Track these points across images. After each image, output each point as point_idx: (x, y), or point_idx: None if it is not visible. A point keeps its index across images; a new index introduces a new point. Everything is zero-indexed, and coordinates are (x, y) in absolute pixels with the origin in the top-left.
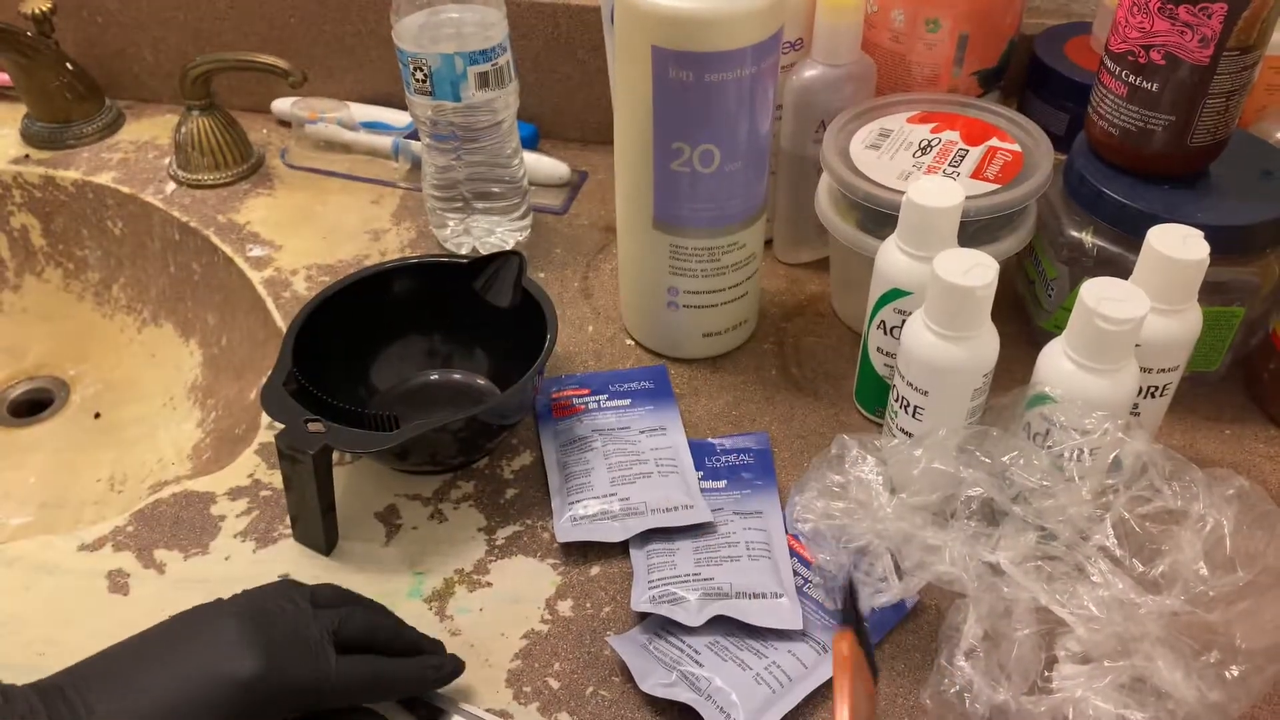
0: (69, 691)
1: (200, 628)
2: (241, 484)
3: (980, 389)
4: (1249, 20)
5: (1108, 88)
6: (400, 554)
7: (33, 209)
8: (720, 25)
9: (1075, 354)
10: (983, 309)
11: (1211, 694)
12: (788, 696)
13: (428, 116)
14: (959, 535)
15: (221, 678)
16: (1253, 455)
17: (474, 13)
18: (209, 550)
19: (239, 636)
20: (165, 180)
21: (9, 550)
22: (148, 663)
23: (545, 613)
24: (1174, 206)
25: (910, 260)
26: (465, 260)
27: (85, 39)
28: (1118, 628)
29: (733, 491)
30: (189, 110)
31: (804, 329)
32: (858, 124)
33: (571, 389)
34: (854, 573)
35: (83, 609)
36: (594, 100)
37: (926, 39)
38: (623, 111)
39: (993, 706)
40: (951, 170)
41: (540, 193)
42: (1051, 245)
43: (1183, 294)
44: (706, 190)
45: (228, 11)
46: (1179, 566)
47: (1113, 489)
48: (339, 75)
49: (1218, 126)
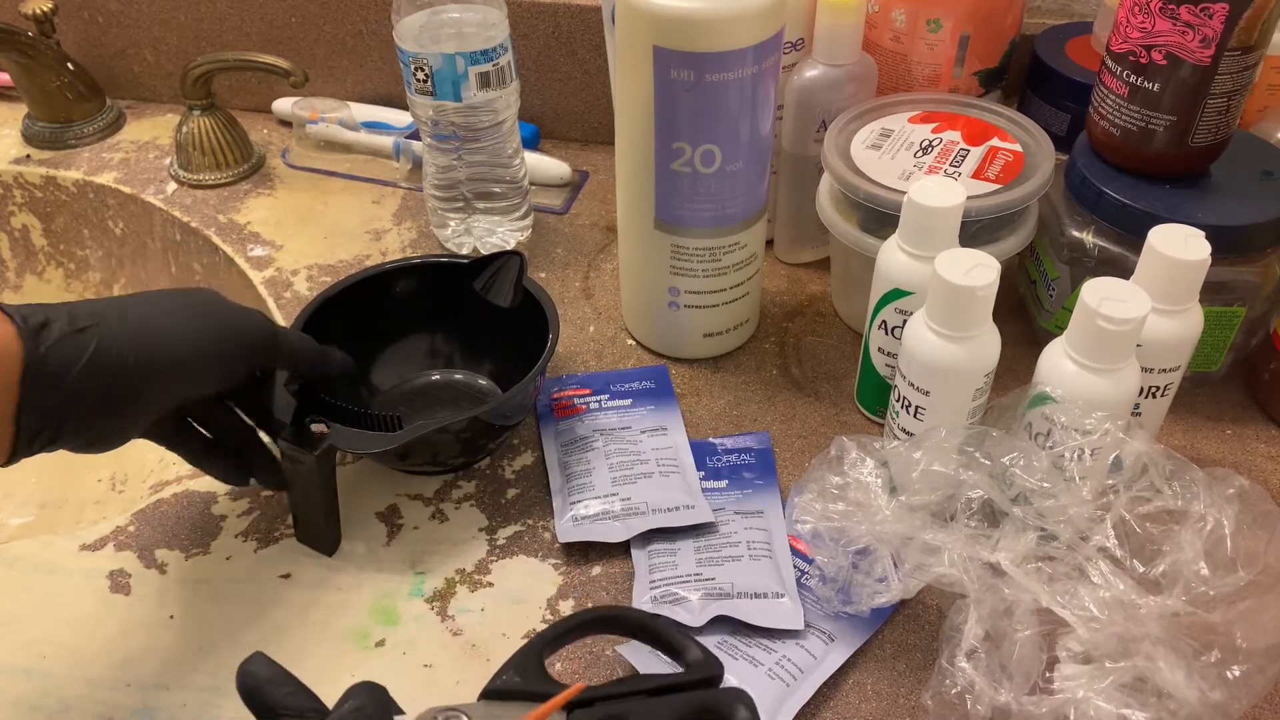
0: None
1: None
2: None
3: (982, 389)
4: (1250, 20)
5: (1109, 88)
6: (401, 554)
7: (34, 209)
8: (721, 25)
9: (1076, 354)
10: (984, 309)
11: (1213, 694)
12: (801, 689)
13: (429, 116)
14: (959, 536)
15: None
16: (1254, 455)
17: (475, 13)
18: (210, 550)
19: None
20: (166, 180)
21: (9, 550)
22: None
23: (547, 613)
24: (1175, 207)
25: (911, 260)
26: (466, 260)
27: (86, 39)
28: (1119, 628)
29: (734, 491)
30: (190, 110)
31: (805, 329)
32: (859, 124)
33: (573, 389)
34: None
35: (83, 609)
36: (595, 100)
37: (928, 39)
38: (624, 111)
39: (994, 707)
40: (953, 170)
41: (541, 193)
42: (1053, 245)
43: (1184, 294)
44: (708, 190)
45: (228, 11)
46: (1180, 566)
47: (1113, 489)
48: (340, 75)
49: (1219, 126)
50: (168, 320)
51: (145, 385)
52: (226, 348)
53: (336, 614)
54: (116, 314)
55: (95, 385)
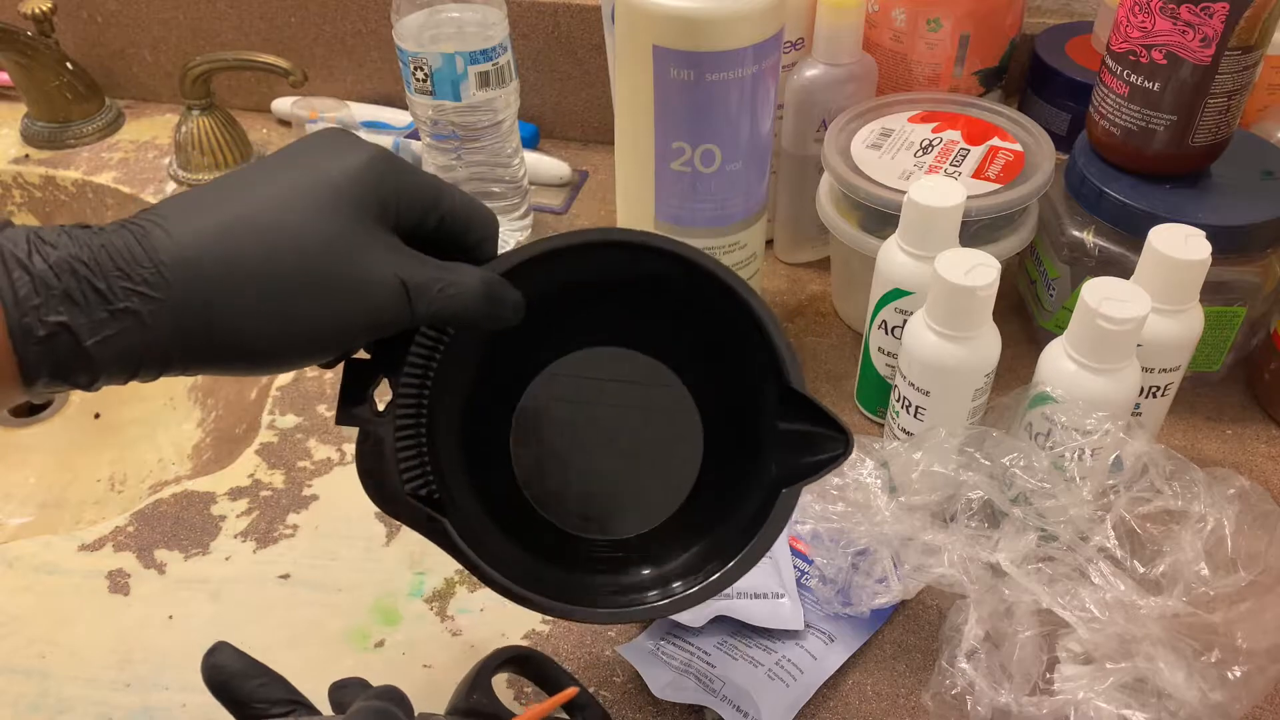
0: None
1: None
2: (242, 484)
3: (982, 389)
4: (1250, 20)
5: (1109, 87)
6: (401, 554)
7: (33, 209)
8: (721, 25)
9: (1077, 354)
10: (984, 309)
11: (1213, 694)
12: (801, 689)
13: (428, 116)
14: (959, 537)
15: (330, 169)
16: (1254, 455)
17: (475, 12)
18: (209, 550)
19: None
20: (165, 180)
21: (9, 550)
22: (233, 189)
23: None
24: (1175, 206)
25: (912, 260)
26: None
27: (85, 39)
28: (1119, 628)
29: None
30: (189, 110)
31: (805, 329)
32: (859, 123)
33: None
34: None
35: (83, 609)
36: (594, 100)
37: (928, 38)
38: (623, 111)
39: (994, 708)
40: (953, 170)
41: (541, 192)
42: (1053, 245)
43: (1184, 294)
44: (707, 190)
45: (227, 11)
46: (1180, 567)
47: (1113, 489)
48: (339, 75)
49: (1219, 126)
50: (254, 309)
51: (194, 372)
52: (325, 346)
53: (336, 614)
54: (180, 284)
55: (133, 372)
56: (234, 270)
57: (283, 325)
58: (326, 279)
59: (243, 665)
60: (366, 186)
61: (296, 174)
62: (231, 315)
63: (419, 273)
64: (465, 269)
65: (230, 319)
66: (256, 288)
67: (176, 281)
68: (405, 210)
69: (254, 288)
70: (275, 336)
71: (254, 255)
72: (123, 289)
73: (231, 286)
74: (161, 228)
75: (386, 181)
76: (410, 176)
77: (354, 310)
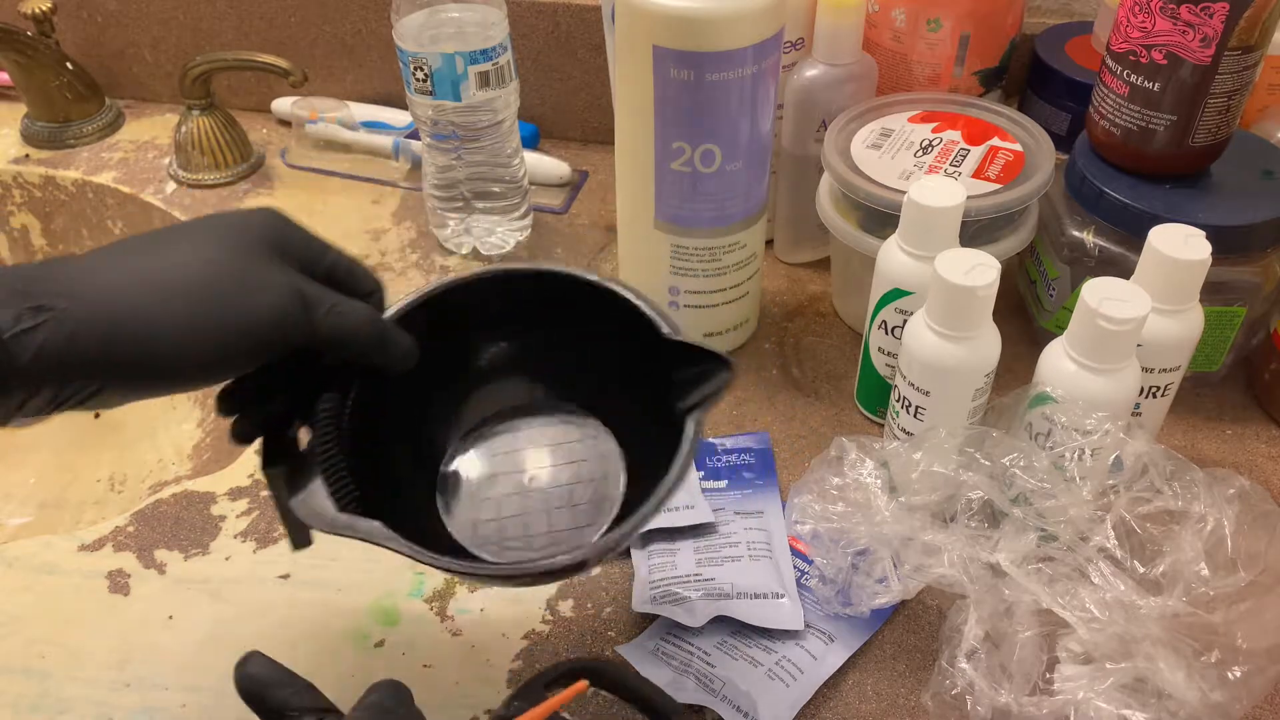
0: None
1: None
2: (241, 484)
3: (982, 389)
4: (1250, 20)
5: (1109, 87)
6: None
7: (33, 209)
8: (721, 25)
9: (1077, 354)
10: (984, 309)
11: (1213, 694)
12: (801, 689)
13: (428, 116)
14: (959, 537)
15: (227, 217)
16: (1254, 455)
17: (475, 12)
18: (209, 550)
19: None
20: (165, 180)
21: (9, 550)
22: (136, 238)
23: (546, 613)
24: (1175, 206)
25: (912, 260)
26: (664, 334)
27: (85, 39)
28: (1119, 628)
29: (734, 491)
30: (189, 110)
31: (805, 329)
32: (859, 123)
33: None
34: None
35: (83, 609)
36: (594, 100)
37: (928, 38)
38: (623, 111)
39: (994, 708)
40: (953, 170)
41: (541, 192)
42: (1053, 245)
43: (1184, 294)
44: (707, 190)
45: (227, 11)
46: (1180, 567)
47: (1113, 489)
48: (339, 75)
49: (1219, 126)
50: (159, 309)
51: (113, 388)
52: (232, 351)
53: (336, 614)
54: (90, 292)
55: (52, 379)
56: (142, 279)
57: (189, 322)
58: (230, 280)
59: (276, 674)
60: (262, 225)
61: (195, 222)
62: (142, 314)
63: (313, 288)
64: (356, 300)
65: (140, 316)
66: (161, 292)
67: (89, 288)
68: (297, 251)
69: (159, 293)
70: (183, 339)
71: (159, 265)
72: (40, 290)
73: (140, 292)
74: (71, 259)
75: (276, 225)
76: (298, 228)
77: (257, 310)
